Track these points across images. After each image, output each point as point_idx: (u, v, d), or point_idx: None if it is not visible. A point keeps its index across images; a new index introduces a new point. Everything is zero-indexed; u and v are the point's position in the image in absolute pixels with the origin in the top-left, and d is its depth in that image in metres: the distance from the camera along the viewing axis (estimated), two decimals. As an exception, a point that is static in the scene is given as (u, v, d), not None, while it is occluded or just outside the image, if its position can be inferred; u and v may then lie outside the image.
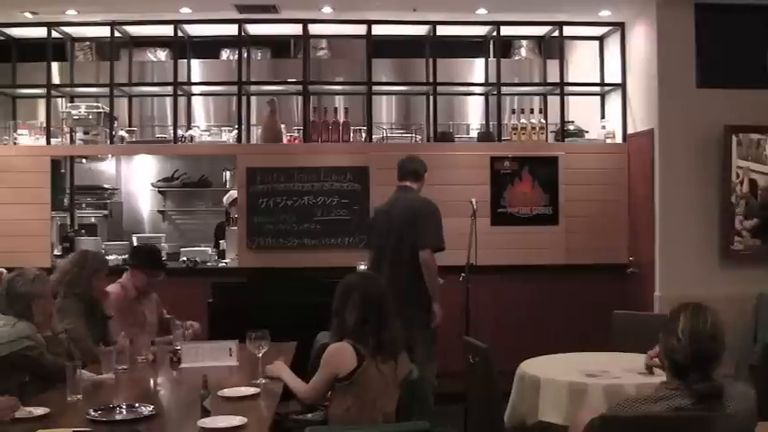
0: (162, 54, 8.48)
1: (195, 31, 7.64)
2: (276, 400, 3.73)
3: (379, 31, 7.46)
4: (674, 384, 2.78)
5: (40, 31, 7.33)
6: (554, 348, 4.79)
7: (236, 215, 7.28)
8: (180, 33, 7.49)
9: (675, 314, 2.84)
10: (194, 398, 3.43)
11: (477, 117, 8.14)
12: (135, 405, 3.46)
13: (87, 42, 8.25)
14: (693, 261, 6.62)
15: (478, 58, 8.07)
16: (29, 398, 3.58)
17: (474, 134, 7.78)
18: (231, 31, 7.47)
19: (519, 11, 7.24)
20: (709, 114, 6.61)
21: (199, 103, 8.30)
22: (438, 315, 5.51)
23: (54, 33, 7.38)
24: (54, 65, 7.57)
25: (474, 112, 8.26)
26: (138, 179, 8.79)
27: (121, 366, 4.26)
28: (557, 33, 7.54)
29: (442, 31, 7.47)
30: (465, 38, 7.97)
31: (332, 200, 7.12)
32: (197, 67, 8.09)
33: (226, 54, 8.45)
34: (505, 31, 7.58)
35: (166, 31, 7.50)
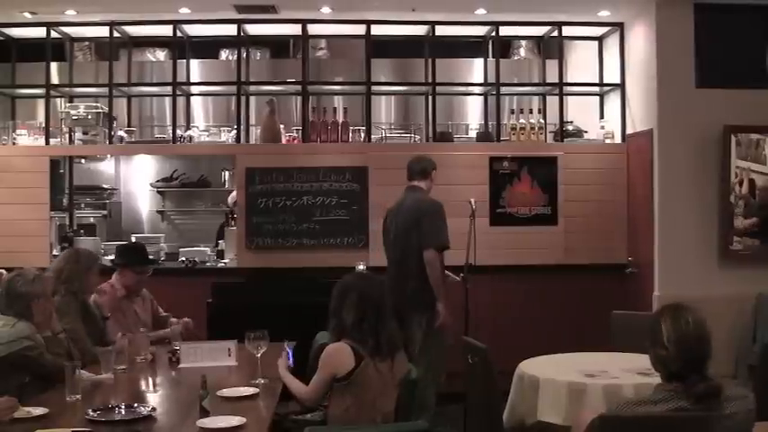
0: (161, 54, 8.48)
1: (194, 31, 7.64)
2: (275, 400, 3.73)
3: (378, 31, 7.46)
4: (671, 386, 2.78)
5: (40, 31, 7.33)
6: (553, 348, 4.79)
7: (239, 215, 7.30)
8: (179, 33, 7.49)
9: (655, 323, 2.81)
10: (193, 398, 3.44)
11: (476, 117, 8.14)
12: (134, 405, 3.47)
13: (86, 42, 8.24)
14: (692, 261, 6.62)
15: (477, 58, 8.07)
16: (28, 398, 3.58)
17: (473, 134, 7.78)
18: (230, 31, 7.46)
19: (518, 11, 7.24)
20: (709, 114, 6.61)
21: (198, 104, 8.30)
22: (441, 314, 5.53)
23: (53, 33, 7.38)
24: (53, 65, 7.57)
25: (473, 112, 8.26)
26: (137, 179, 8.79)
27: (120, 366, 4.27)
28: (556, 33, 7.54)
29: (441, 31, 7.47)
30: (464, 38, 7.96)
31: (331, 200, 7.12)
32: (196, 68, 8.08)
33: (225, 54, 8.44)
34: (504, 31, 7.57)
35: (165, 31, 7.49)
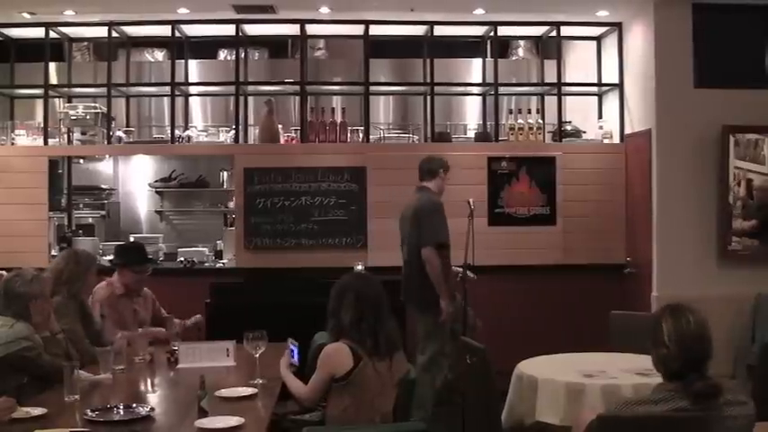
0: (159, 54, 8.47)
1: (193, 31, 7.64)
2: (273, 400, 3.73)
3: (376, 31, 7.46)
4: (671, 386, 2.78)
5: (38, 32, 7.33)
6: (551, 348, 4.79)
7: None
8: (177, 34, 7.49)
9: (657, 322, 2.82)
10: (192, 398, 3.43)
11: (475, 117, 8.13)
12: (132, 405, 3.47)
13: (85, 43, 8.23)
14: (691, 261, 6.62)
15: (476, 58, 8.07)
16: (26, 398, 3.58)
17: (471, 134, 7.79)
18: (228, 31, 7.46)
19: (516, 11, 7.24)
20: (707, 114, 6.61)
21: (196, 104, 8.29)
22: (445, 311, 5.57)
23: (52, 34, 7.38)
24: (51, 65, 7.56)
25: (471, 112, 8.25)
26: (136, 179, 8.77)
27: (119, 367, 4.26)
28: (554, 33, 7.54)
29: (439, 31, 7.48)
30: (462, 38, 7.96)
31: (329, 200, 7.12)
32: (194, 68, 8.07)
33: (223, 54, 8.43)
34: (503, 31, 7.58)
35: (164, 31, 7.49)
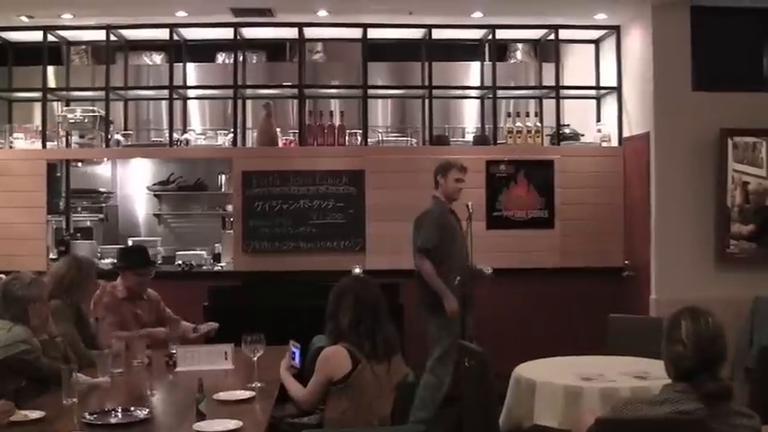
0: (158, 58, 8.47)
1: (191, 34, 7.64)
2: (272, 403, 3.72)
3: (374, 34, 7.46)
4: (680, 387, 2.77)
5: (36, 35, 7.33)
6: (550, 352, 4.79)
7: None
8: (176, 37, 7.49)
9: (675, 321, 2.83)
10: (190, 401, 3.43)
11: (473, 120, 8.14)
12: (130, 409, 3.46)
13: (83, 46, 8.22)
14: (689, 264, 6.62)
15: (474, 61, 8.06)
16: (25, 401, 3.57)
17: (470, 137, 7.79)
18: (227, 34, 7.47)
19: (514, 14, 7.23)
20: (705, 118, 6.62)
21: (194, 107, 8.28)
22: (448, 309, 5.64)
23: (50, 37, 7.39)
24: (50, 68, 7.56)
25: (470, 115, 8.26)
26: (134, 183, 8.77)
27: (117, 370, 4.26)
28: (552, 36, 7.55)
29: (437, 34, 7.48)
30: (461, 41, 7.97)
31: (327, 203, 7.12)
32: (192, 71, 8.07)
33: (221, 57, 8.43)
34: (501, 34, 7.57)
35: (162, 34, 7.50)
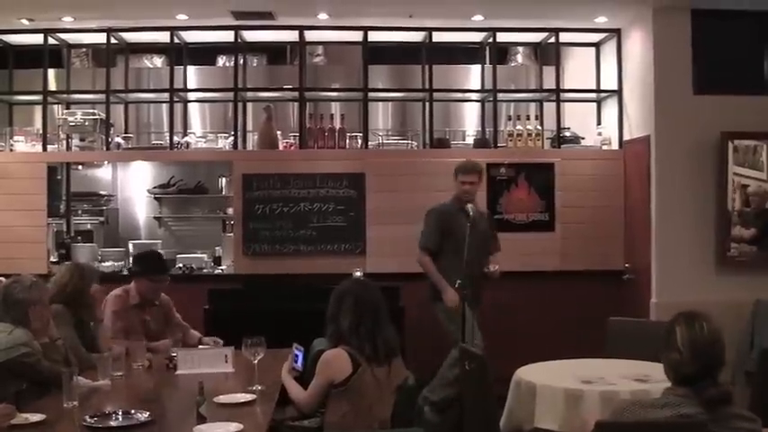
0: (158, 61, 8.47)
1: (191, 37, 7.65)
2: (272, 406, 3.72)
3: (375, 37, 7.46)
4: (680, 391, 2.77)
5: (37, 38, 7.34)
6: (550, 355, 4.78)
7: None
8: (176, 40, 7.50)
9: (670, 328, 2.82)
10: (190, 404, 3.43)
11: (474, 123, 8.13)
12: (131, 412, 3.46)
13: (84, 49, 8.23)
14: (690, 267, 6.62)
15: (475, 64, 8.07)
16: (25, 404, 3.57)
17: (470, 140, 7.79)
18: (227, 37, 7.48)
19: (515, 17, 7.24)
20: (706, 121, 6.62)
21: (195, 110, 8.28)
22: (445, 300, 5.78)
23: (50, 40, 7.39)
24: (50, 71, 7.57)
25: (470, 118, 8.25)
26: (135, 186, 8.76)
27: (117, 373, 4.26)
28: (553, 40, 7.56)
29: (438, 37, 7.49)
30: (461, 44, 7.98)
31: (328, 206, 7.12)
32: (193, 74, 8.08)
33: (222, 60, 8.43)
34: (501, 37, 7.59)
35: (163, 37, 7.51)
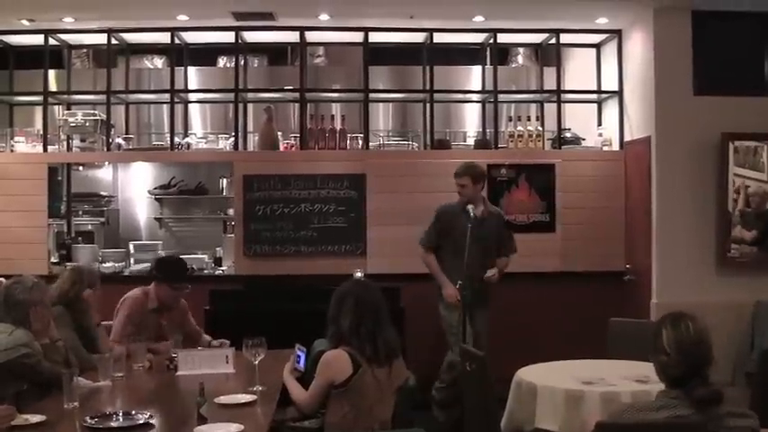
0: (159, 61, 8.47)
1: (192, 38, 7.65)
2: (273, 407, 3.72)
3: (376, 38, 7.46)
4: (673, 393, 2.78)
5: (38, 39, 7.33)
6: (551, 356, 4.78)
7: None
8: (177, 41, 7.50)
9: (657, 330, 2.86)
10: (191, 405, 3.43)
11: (474, 124, 8.13)
12: (131, 412, 3.46)
13: (84, 50, 8.23)
14: (690, 268, 6.62)
15: (475, 65, 8.06)
16: (26, 405, 3.57)
17: (471, 141, 7.79)
18: (228, 38, 7.48)
19: (516, 18, 7.24)
20: (707, 122, 6.62)
21: (195, 111, 8.28)
22: (444, 296, 5.97)
23: (51, 41, 7.38)
24: (51, 72, 7.56)
25: (471, 119, 8.25)
26: (135, 186, 8.77)
27: (118, 374, 4.26)
28: (554, 41, 7.55)
29: (439, 38, 7.48)
30: (462, 45, 7.96)
31: (329, 207, 7.12)
32: (194, 75, 8.08)
33: (223, 61, 8.43)
34: (502, 38, 7.58)
35: (163, 38, 7.51)
